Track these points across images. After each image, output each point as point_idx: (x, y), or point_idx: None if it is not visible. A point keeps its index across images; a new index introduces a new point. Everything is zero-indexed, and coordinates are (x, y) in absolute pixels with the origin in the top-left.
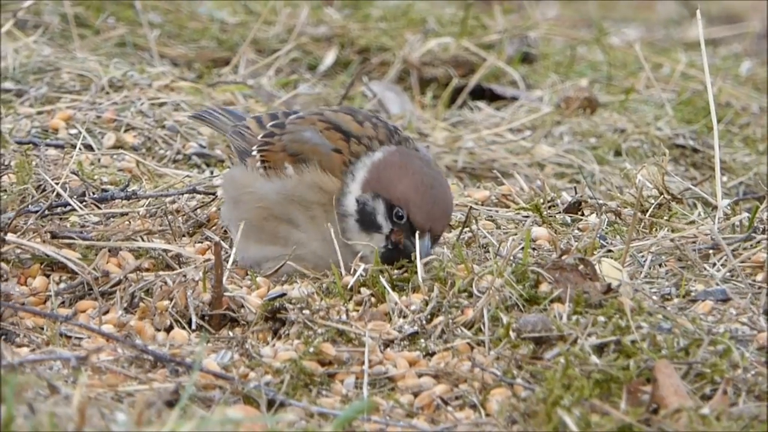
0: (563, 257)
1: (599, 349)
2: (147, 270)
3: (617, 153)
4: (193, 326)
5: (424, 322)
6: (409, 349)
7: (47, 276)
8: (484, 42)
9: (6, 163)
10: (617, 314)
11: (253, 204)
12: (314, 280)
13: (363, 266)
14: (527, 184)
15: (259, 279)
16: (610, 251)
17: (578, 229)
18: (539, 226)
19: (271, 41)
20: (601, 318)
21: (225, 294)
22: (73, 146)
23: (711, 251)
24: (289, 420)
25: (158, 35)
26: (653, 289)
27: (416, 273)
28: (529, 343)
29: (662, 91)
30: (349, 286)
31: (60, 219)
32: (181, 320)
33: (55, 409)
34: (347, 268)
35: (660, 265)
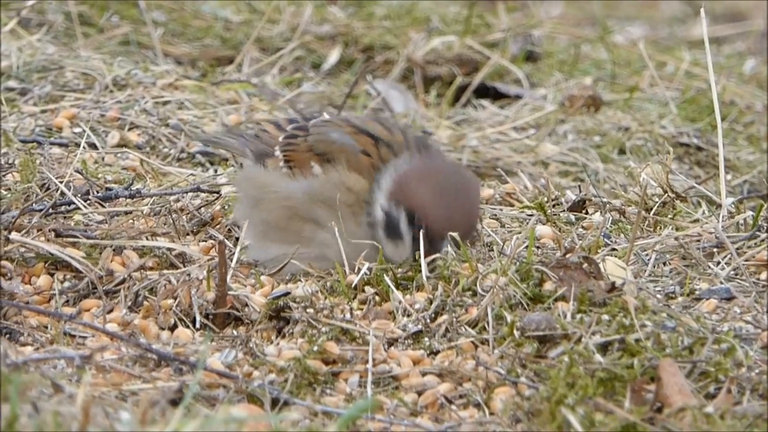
0: (567, 256)
1: (603, 348)
2: (151, 269)
3: (621, 151)
4: (197, 325)
5: (428, 321)
6: (413, 348)
7: (51, 275)
8: (488, 40)
9: (10, 162)
10: (621, 313)
11: (278, 203)
12: (318, 279)
13: (367, 265)
14: (531, 183)
15: (263, 278)
16: (615, 250)
17: (582, 228)
18: (543, 225)
19: (275, 40)
20: (606, 316)
21: (229, 293)
22: (77, 145)
23: (715, 250)
24: (293, 419)
25: (162, 34)
26: (657, 288)
27: (420, 272)
28: (533, 342)
29: (666, 90)
30: (353, 285)
31: (64, 218)
32: (185, 319)
33: (59, 408)
34: (351, 267)
35: (664, 264)
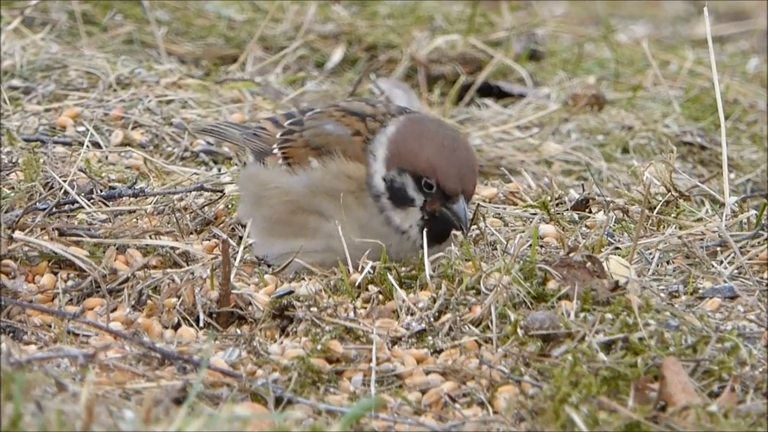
0: (571, 254)
1: (607, 347)
2: (155, 267)
3: (625, 150)
4: (201, 324)
5: (432, 320)
6: (417, 347)
7: (55, 273)
8: (492, 39)
9: (14, 161)
10: (625, 311)
11: (279, 199)
12: (322, 278)
13: (370, 263)
14: (535, 182)
15: (267, 276)
16: (618, 248)
17: (586, 227)
18: (547, 224)
19: (279, 39)
20: (609, 315)
21: (233, 291)
22: (81, 144)
23: (718, 248)
24: (297, 417)
25: (166, 33)
26: (661, 287)
27: (424, 270)
28: (537, 341)
29: (670, 89)
30: (357, 284)
31: (68, 216)
32: (189, 318)
33: (63, 407)
34: (355, 266)
35: (667, 263)
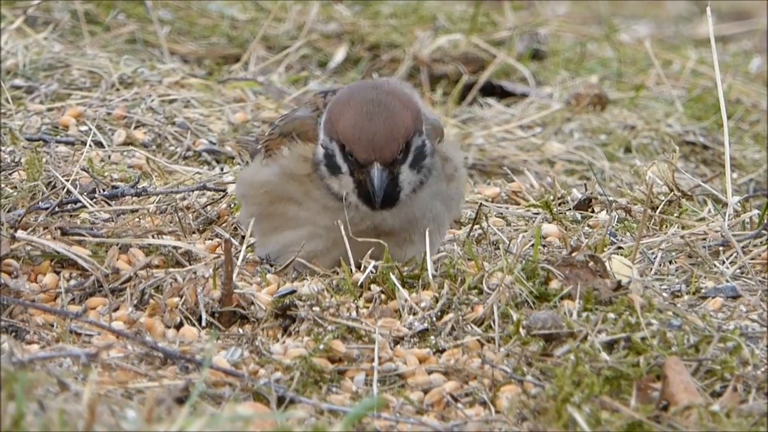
0: (573, 254)
1: (609, 346)
2: (157, 267)
3: (627, 150)
4: (203, 323)
5: (434, 319)
6: (419, 346)
7: (57, 273)
8: (494, 39)
9: (16, 160)
10: (627, 311)
11: (259, 191)
12: (324, 277)
13: (373, 263)
14: (537, 181)
15: (269, 276)
16: (620, 248)
17: (588, 226)
18: (549, 223)
19: (282, 38)
20: (611, 315)
21: (235, 291)
22: (84, 143)
23: (721, 248)
24: (299, 417)
25: (168, 32)
26: (663, 286)
27: (426, 270)
28: (539, 340)
29: (672, 88)
30: (359, 283)
31: (70, 216)
32: (191, 317)
33: (65, 407)
34: (357, 265)
35: (670, 262)
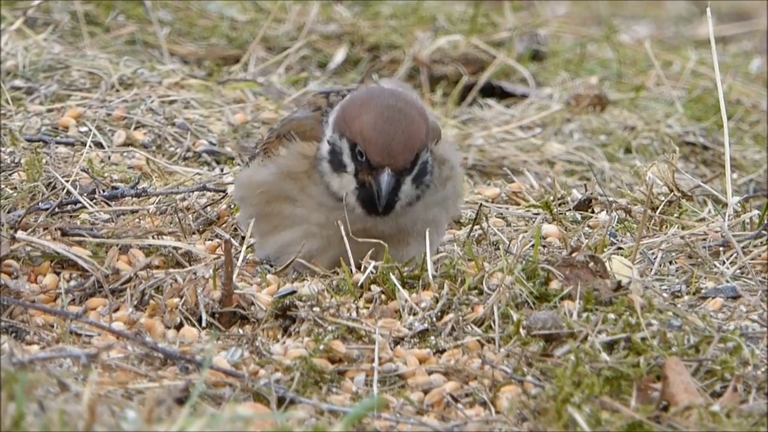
0: (573, 254)
1: (609, 347)
2: (157, 267)
3: (627, 150)
4: (203, 324)
5: (435, 320)
6: (420, 347)
7: (57, 273)
8: (494, 39)
9: (16, 161)
10: (627, 311)
11: (256, 191)
12: (324, 278)
13: (373, 263)
14: (537, 182)
15: (270, 276)
16: (621, 248)
17: (588, 227)
18: (549, 224)
19: (281, 39)
20: (612, 315)
21: (235, 291)
22: (84, 144)
23: (721, 248)
24: (299, 417)
25: (168, 33)
26: (663, 287)
27: (426, 270)
28: (540, 341)
29: (672, 89)
30: (360, 284)
31: (70, 216)
32: (192, 318)
33: (65, 407)
34: (357, 265)
35: (670, 263)
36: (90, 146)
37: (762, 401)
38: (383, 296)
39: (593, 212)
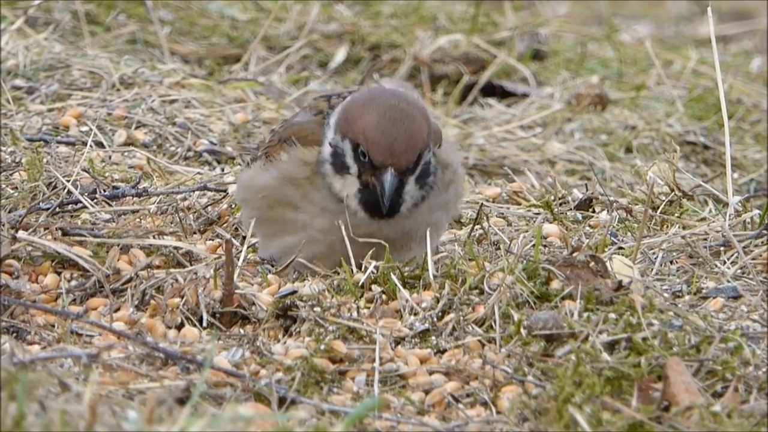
0: (574, 254)
1: (610, 347)
2: (158, 267)
3: (628, 150)
4: (204, 324)
5: (435, 320)
6: (420, 347)
7: (58, 273)
8: (495, 39)
9: (17, 161)
10: (628, 311)
11: (258, 195)
12: (325, 278)
13: (374, 263)
14: (538, 181)
15: (270, 276)
16: (621, 248)
17: (589, 226)
18: (550, 223)
19: (282, 38)
20: (612, 315)
21: (236, 291)
22: (84, 143)
23: (722, 248)
24: (300, 417)
25: (169, 32)
26: (664, 287)
27: (427, 270)
28: (540, 341)
29: (673, 88)
30: (360, 284)
31: (71, 216)
32: (192, 318)
33: (66, 407)
34: (358, 265)
35: (671, 262)
36: (91, 146)
37: (763, 401)
38: (384, 296)
39: (594, 212)
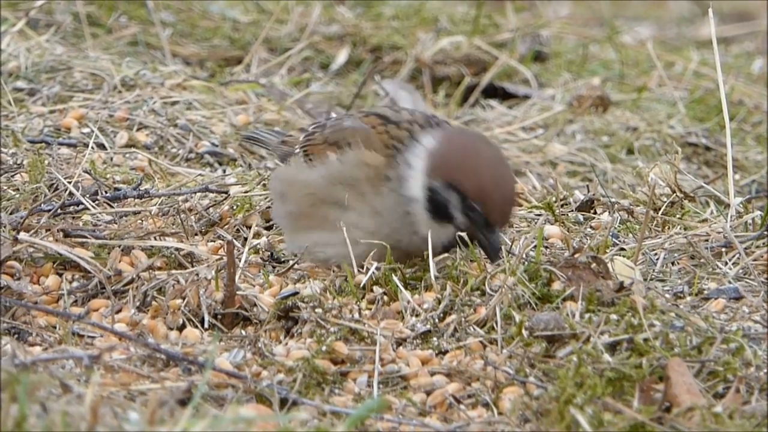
0: (576, 255)
1: (612, 348)
2: (159, 269)
3: (630, 151)
4: (206, 325)
5: (437, 321)
6: (422, 348)
7: (60, 275)
8: (497, 40)
9: (19, 162)
10: (630, 312)
11: (300, 192)
12: (326, 279)
13: (375, 264)
14: (540, 183)
15: (272, 277)
16: (623, 249)
17: (591, 228)
18: (552, 225)
19: (284, 40)
20: (614, 316)
21: (237, 293)
22: (86, 145)
23: (723, 249)
24: (302, 419)
25: (170, 34)
26: (666, 287)
27: (429, 271)
28: (542, 342)
29: (674, 90)
30: (362, 285)
31: (72, 218)
32: (194, 319)
33: (68, 408)
34: (360, 266)
35: (672, 263)
36: (92, 147)
37: (764, 402)
38: (385, 297)
39: (595, 213)
